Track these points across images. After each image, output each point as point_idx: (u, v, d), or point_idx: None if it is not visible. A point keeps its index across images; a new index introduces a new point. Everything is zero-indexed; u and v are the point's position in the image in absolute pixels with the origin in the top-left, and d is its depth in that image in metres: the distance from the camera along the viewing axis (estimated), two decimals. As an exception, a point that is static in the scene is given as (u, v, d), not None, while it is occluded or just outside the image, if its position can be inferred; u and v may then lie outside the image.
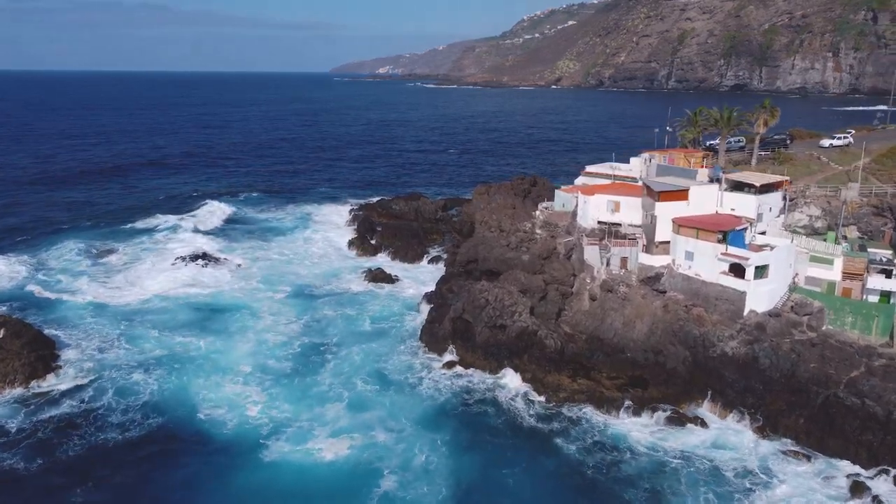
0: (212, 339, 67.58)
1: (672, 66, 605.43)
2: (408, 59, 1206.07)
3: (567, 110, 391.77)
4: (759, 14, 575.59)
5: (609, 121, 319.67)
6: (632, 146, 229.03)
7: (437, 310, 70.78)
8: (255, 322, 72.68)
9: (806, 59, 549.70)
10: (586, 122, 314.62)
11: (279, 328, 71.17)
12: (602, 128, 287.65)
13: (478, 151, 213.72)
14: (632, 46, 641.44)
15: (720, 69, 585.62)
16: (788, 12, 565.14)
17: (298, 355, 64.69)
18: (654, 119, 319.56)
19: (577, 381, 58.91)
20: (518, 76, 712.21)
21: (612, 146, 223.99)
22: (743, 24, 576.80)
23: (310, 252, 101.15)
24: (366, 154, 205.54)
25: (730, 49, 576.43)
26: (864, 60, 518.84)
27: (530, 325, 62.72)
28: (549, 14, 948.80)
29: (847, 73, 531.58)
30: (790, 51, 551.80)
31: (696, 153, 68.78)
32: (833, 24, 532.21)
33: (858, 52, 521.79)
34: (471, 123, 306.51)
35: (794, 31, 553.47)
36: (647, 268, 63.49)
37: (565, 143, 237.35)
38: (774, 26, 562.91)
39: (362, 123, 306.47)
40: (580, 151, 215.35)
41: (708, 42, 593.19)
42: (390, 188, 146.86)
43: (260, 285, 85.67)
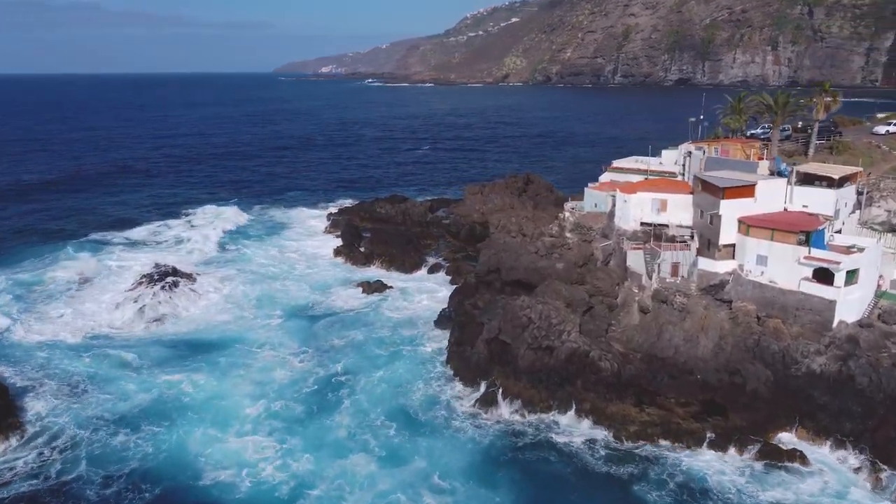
0: (204, 379, 56.66)
1: (618, 61, 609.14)
2: (351, 58, 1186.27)
3: (526, 107, 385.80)
4: (701, 9, 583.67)
5: (572, 117, 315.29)
6: (597, 140, 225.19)
7: (462, 329, 61.53)
8: (253, 355, 61.91)
9: (746, 53, 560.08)
10: (551, 117, 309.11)
11: (282, 361, 60.70)
12: (565, 123, 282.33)
13: (446, 149, 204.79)
14: (577, 42, 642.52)
15: (664, 64, 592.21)
16: (728, 7, 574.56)
17: (310, 394, 54.46)
18: (613, 112, 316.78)
19: (644, 410, 50.66)
20: (466, 74, 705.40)
21: (583, 141, 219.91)
22: (685, 19, 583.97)
23: (293, 263, 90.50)
24: (331, 155, 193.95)
25: (673, 44, 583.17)
26: (802, 54, 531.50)
27: (581, 345, 54.18)
28: (491, 12, 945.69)
29: (786, 67, 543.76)
30: (731, 45, 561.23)
31: (754, 143, 61.61)
32: (771, 19, 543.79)
33: (796, 46, 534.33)
34: (431, 121, 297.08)
35: (734, 25, 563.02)
36: (710, 274, 55.72)
37: (532, 139, 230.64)
38: (715, 21, 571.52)
39: (320, 124, 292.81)
40: (552, 147, 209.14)
41: (652, 37, 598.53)
42: (364, 190, 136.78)
43: (248, 307, 74.88)
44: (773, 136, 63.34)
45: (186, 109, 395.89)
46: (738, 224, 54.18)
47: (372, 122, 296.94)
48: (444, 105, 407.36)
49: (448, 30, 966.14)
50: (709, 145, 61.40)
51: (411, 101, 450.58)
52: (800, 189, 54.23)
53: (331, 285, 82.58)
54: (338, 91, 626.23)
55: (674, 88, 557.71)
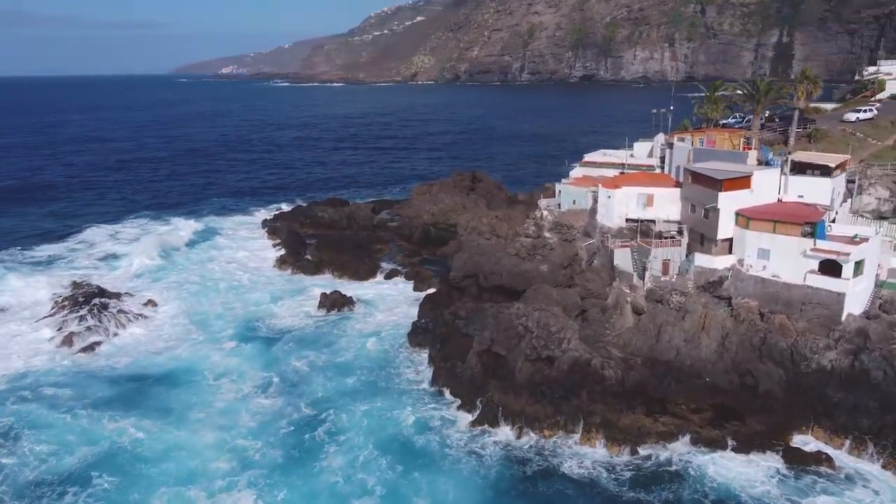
0: (158, 424, 48.58)
1: (524, 59, 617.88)
2: (252, 58, 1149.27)
3: (443, 105, 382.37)
4: (601, 7, 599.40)
5: (491, 114, 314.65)
6: (524, 136, 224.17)
7: (444, 343, 56.59)
8: (210, 390, 54.17)
9: (646, 50, 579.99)
10: (472, 115, 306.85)
11: (245, 397, 53.23)
12: (486, 120, 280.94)
13: (371, 149, 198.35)
14: (484, 41, 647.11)
15: (569, 61, 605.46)
16: (627, 6, 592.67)
17: (288, 436, 47.26)
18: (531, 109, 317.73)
19: (658, 420, 47.31)
20: (374, 73, 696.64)
21: (510, 137, 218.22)
22: (587, 17, 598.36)
23: (234, 275, 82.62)
24: (250, 158, 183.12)
25: (577, 41, 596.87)
26: (697, 50, 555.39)
27: (582, 353, 50.39)
28: (396, 11, 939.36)
29: (683, 62, 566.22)
30: (631, 42, 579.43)
31: (740, 133, 59.70)
32: (667, 17, 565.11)
33: (691, 43, 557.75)
34: (349, 121, 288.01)
35: (633, 23, 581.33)
36: (708, 271, 53.14)
37: (457, 136, 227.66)
38: (615, 19, 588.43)
39: (233, 126, 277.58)
40: (481, 144, 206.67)
41: (556, 35, 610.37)
42: (295, 194, 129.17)
43: (191, 328, 67.06)
44: (755, 125, 61.88)
45: (82, 114, 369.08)
46: (736, 217, 51.87)
47: (288, 123, 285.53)
48: (359, 104, 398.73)
49: (352, 29, 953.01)
50: (693, 136, 59.11)
51: (325, 102, 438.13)
52: (794, 179, 52.46)
53: (280, 298, 75.57)
54: (246, 92, 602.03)
55: (579, 85, 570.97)
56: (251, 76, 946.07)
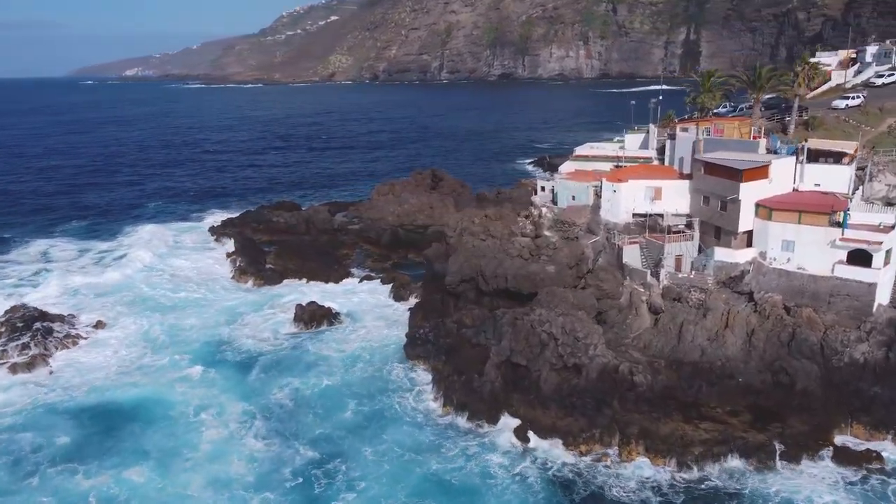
0: (142, 475, 41.73)
1: (443, 57, 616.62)
2: (159, 59, 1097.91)
3: (367, 104, 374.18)
4: (517, 6, 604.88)
5: (421, 112, 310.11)
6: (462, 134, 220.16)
7: (451, 354, 52.00)
8: (190, 429, 47.26)
9: (561, 48, 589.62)
10: (402, 116, 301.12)
11: (232, 439, 46.36)
12: (418, 119, 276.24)
13: (305, 150, 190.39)
14: (402, 40, 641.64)
15: (488, 60, 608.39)
16: (542, 5, 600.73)
17: (296, 489, 40.78)
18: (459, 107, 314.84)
19: (699, 426, 44.36)
20: (291, 73, 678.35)
21: (449, 135, 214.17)
22: (503, 16, 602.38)
23: (186, 289, 75.22)
24: (174, 161, 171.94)
25: (494, 40, 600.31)
26: (610, 48, 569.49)
27: (610, 359, 47.02)
28: (308, 10, 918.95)
29: (597, 60, 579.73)
30: (547, 41, 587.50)
31: (748, 121, 57.63)
32: (581, 16, 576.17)
33: (605, 41, 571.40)
34: (275, 122, 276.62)
35: (548, 22, 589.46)
36: (729, 265, 50.76)
37: (392, 135, 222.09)
38: (531, 18, 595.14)
39: (152, 130, 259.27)
40: (422, 142, 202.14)
41: (474, 34, 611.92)
42: (235, 197, 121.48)
43: (152, 352, 59.89)
44: (755, 113, 60.30)
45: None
46: (756, 208, 49.68)
47: (213, 125, 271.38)
48: (282, 105, 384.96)
49: (264, 29, 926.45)
50: (698, 125, 56.78)
51: (247, 103, 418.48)
52: (812, 167, 50.73)
53: (244, 313, 68.92)
54: (159, 94, 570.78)
55: (498, 83, 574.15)
56: (159, 78, 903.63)
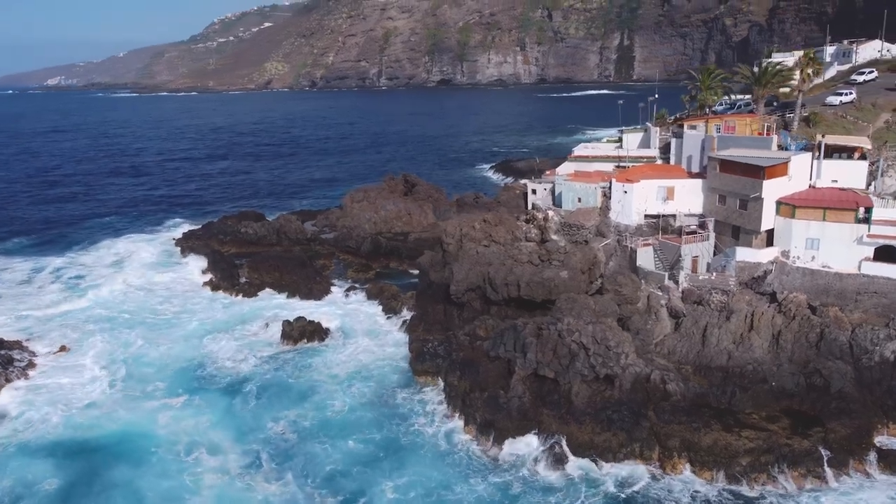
0: None
1: (381, 64, 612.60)
2: (83, 67, 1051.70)
3: (309, 111, 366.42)
4: (454, 13, 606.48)
5: (365, 119, 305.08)
6: (414, 140, 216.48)
7: (466, 369, 48.72)
8: (185, 470, 42.20)
9: (499, 54, 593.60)
10: (346, 122, 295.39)
11: (235, 478, 41.80)
12: (361, 125, 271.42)
13: (253, 157, 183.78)
14: (339, 47, 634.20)
15: (426, 66, 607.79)
16: (478, 11, 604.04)
17: None
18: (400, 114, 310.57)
19: (741, 434, 42.37)
20: (226, 80, 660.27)
21: (400, 141, 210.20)
22: (441, 22, 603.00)
23: (154, 307, 69.70)
24: (112, 171, 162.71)
25: (432, 46, 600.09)
26: (547, 53, 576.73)
27: (642, 368, 44.74)
28: (241, 16, 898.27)
29: (534, 65, 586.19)
30: (485, 47, 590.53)
31: (758, 118, 56.34)
32: (518, 22, 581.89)
33: (541, 46, 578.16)
34: (219, 131, 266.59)
35: (485, 28, 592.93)
36: (752, 265, 49.27)
37: (339, 142, 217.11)
38: (468, 24, 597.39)
39: (84, 140, 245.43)
40: (374, 150, 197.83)
41: (412, 40, 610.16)
42: (193, 209, 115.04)
43: (124, 380, 54.67)
44: (759, 110, 59.36)
45: None
46: (778, 206, 48.37)
47: (147, 135, 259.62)
48: (220, 113, 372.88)
49: (194, 36, 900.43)
50: (708, 122, 55.33)
51: (182, 112, 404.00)
52: (828, 163, 49.78)
53: (222, 331, 64.01)
54: (86, 104, 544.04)
55: (437, 89, 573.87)
56: (85, 87, 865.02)
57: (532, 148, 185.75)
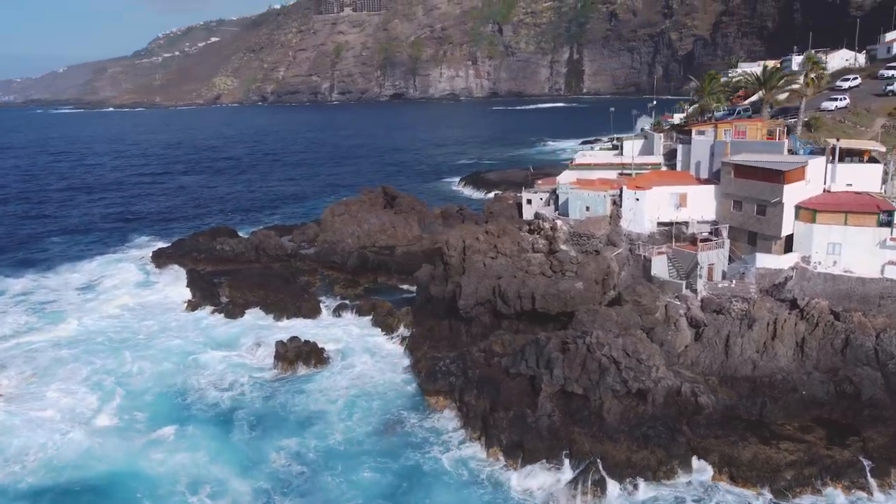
0: None
1: (333, 78, 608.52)
2: (20, 84, 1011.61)
3: (264, 125, 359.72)
4: (405, 27, 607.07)
5: (320, 132, 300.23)
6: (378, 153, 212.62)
7: (484, 387, 46.19)
8: None
9: (451, 68, 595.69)
10: (303, 137, 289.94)
11: None
12: (319, 138, 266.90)
13: (213, 172, 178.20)
14: (289, 61, 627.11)
15: (378, 80, 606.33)
16: (430, 25, 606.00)
17: None
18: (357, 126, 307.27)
19: (779, 447, 40.90)
20: (173, 96, 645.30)
21: (363, 155, 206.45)
22: (392, 36, 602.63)
23: (129, 330, 65.22)
24: (66, 187, 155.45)
25: (384, 60, 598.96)
26: (498, 67, 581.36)
27: (673, 381, 43.01)
28: (186, 31, 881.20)
29: (486, 79, 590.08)
30: (437, 61, 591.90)
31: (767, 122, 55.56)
32: (469, 36, 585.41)
33: (493, 60, 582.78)
34: (171, 147, 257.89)
35: (437, 42, 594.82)
36: (773, 272, 48.20)
37: (300, 155, 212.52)
38: (420, 39, 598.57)
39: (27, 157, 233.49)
40: (330, 161, 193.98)
41: (363, 54, 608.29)
42: (157, 226, 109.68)
43: (103, 410, 50.51)
44: (763, 114, 58.84)
45: None
46: (797, 210, 47.49)
47: (97, 151, 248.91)
48: (172, 129, 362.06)
49: (138, 51, 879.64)
50: (717, 127, 54.40)
51: (130, 128, 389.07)
52: (843, 167, 49.22)
53: (206, 355, 59.91)
54: (27, 121, 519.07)
55: (390, 103, 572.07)
56: (24, 103, 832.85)
57: (498, 160, 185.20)
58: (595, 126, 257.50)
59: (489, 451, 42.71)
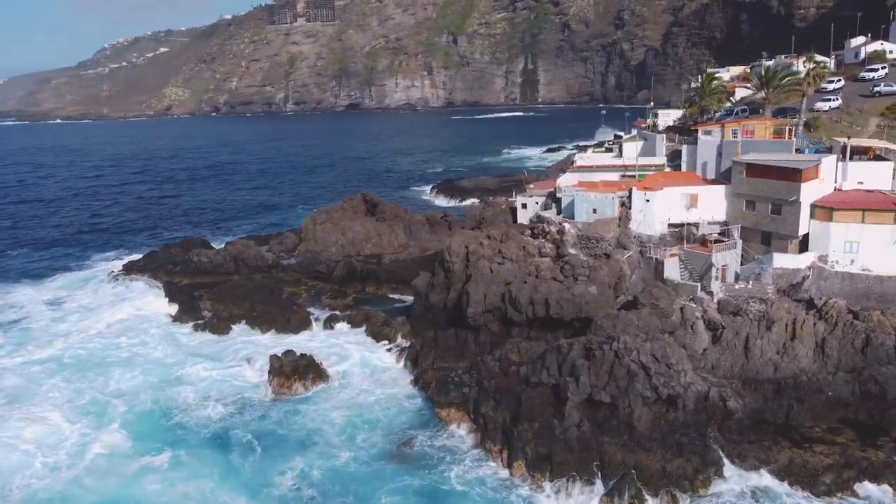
0: None
1: (288, 89, 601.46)
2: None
3: (218, 136, 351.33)
4: (360, 38, 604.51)
5: (277, 143, 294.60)
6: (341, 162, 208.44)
7: (503, 399, 44.06)
8: None
9: (407, 79, 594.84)
10: (263, 147, 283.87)
11: None
12: (273, 149, 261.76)
13: (170, 183, 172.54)
14: (242, 72, 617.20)
15: (334, 90, 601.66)
16: (384, 36, 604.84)
17: None
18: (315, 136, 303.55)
19: (813, 450, 39.83)
20: (122, 107, 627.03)
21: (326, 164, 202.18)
22: (347, 47, 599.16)
23: (112, 351, 61.11)
24: (36, 202, 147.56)
25: (339, 71, 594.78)
26: (454, 77, 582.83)
27: (701, 385, 41.65)
28: (134, 41, 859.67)
29: (442, 89, 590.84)
30: (392, 71, 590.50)
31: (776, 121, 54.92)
32: (424, 46, 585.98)
33: (448, 70, 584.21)
34: (125, 158, 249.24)
35: (392, 53, 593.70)
36: (790, 272, 47.41)
37: (262, 164, 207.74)
38: (375, 49, 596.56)
39: None
40: (292, 172, 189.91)
41: (318, 65, 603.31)
42: (124, 239, 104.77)
43: (88, 435, 47.04)
44: (767, 114, 58.40)
45: None
46: (813, 209, 46.86)
47: (46, 163, 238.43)
48: (123, 141, 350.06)
49: (83, 62, 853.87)
50: (725, 127, 53.57)
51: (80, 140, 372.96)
52: (854, 165, 48.87)
53: (195, 371, 56.70)
54: None
55: (345, 113, 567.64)
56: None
57: (466, 167, 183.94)
58: (555, 134, 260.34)
59: (513, 466, 40.57)
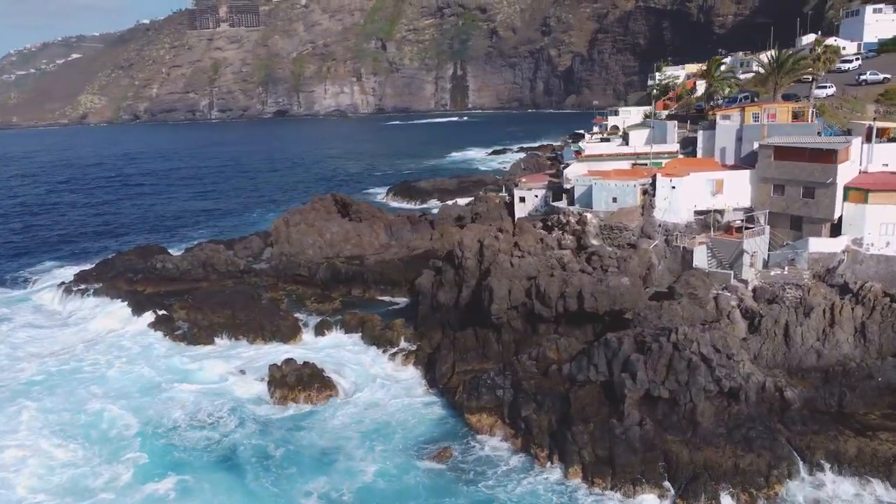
0: None
1: (212, 95, 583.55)
2: None
3: (144, 143, 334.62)
4: (286, 43, 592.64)
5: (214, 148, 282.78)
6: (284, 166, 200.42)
7: (546, 400, 40.76)
8: None
9: (336, 85, 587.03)
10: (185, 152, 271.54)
11: None
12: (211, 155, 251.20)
13: (104, 190, 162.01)
14: (163, 78, 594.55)
15: (261, 97, 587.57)
16: (311, 42, 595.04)
17: None
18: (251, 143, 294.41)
19: (880, 438, 38.15)
20: (32, 115, 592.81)
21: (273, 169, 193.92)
22: (273, 52, 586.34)
23: (87, 367, 54.70)
24: None
25: (266, 77, 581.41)
26: (384, 83, 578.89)
27: (760, 376, 39.53)
28: (42, 47, 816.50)
29: (372, 95, 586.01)
30: (321, 77, 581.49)
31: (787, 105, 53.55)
32: (352, 52, 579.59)
33: (377, 77, 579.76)
34: (47, 166, 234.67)
35: (320, 59, 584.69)
36: (826, 256, 46.05)
37: (203, 170, 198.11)
38: (302, 55, 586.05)
39: None
40: (238, 176, 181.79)
41: (243, 71, 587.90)
42: (66, 250, 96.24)
43: (79, 458, 41.61)
44: (777, 99, 57.29)
45: None
46: (846, 192, 45.71)
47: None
48: (42, 150, 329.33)
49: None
50: (745, 111, 51.93)
51: None
52: (881, 147, 48.11)
53: (178, 387, 51.10)
54: None
55: (273, 120, 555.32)
56: None
57: (415, 170, 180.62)
58: (495, 137, 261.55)
59: (570, 471, 37.30)
